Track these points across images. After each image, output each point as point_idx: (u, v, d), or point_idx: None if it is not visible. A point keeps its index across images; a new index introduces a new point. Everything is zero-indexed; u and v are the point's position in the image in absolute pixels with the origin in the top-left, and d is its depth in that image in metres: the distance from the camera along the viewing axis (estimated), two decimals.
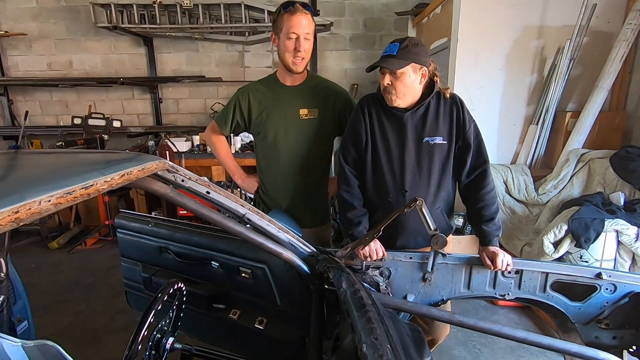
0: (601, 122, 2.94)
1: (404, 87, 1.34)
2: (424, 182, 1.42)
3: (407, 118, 1.40)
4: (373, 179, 1.47)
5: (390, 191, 1.44)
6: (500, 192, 3.02)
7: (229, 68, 4.64)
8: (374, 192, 1.49)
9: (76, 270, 3.33)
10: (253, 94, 1.66)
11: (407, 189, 1.41)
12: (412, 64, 1.31)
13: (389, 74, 1.34)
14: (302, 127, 1.63)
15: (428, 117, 1.40)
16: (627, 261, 2.30)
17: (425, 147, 1.40)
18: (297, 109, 1.62)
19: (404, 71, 1.32)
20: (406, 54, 1.30)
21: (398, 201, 1.43)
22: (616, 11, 2.97)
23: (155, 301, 1.05)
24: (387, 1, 4.46)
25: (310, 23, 1.51)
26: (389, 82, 1.34)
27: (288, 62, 1.53)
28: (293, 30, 1.47)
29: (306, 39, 1.50)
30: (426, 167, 1.41)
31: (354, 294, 0.96)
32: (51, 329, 2.42)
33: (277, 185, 1.71)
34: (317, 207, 1.77)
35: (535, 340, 1.14)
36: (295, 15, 1.46)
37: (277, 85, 1.66)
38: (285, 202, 1.70)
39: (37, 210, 0.54)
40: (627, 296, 1.28)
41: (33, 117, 4.60)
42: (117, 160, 0.83)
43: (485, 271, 1.35)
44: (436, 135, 1.40)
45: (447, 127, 1.41)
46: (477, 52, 3.05)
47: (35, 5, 4.43)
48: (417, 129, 1.40)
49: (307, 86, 1.66)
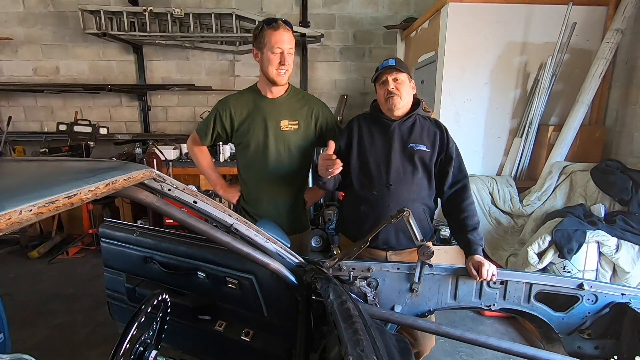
0: (582, 136, 3.03)
1: (405, 91, 1.50)
2: (408, 180, 1.51)
3: (395, 126, 1.54)
4: (359, 174, 1.57)
5: (375, 185, 1.53)
6: (486, 203, 3.07)
7: (219, 77, 4.65)
8: (360, 188, 1.57)
9: (57, 281, 3.23)
10: (234, 105, 1.69)
11: (392, 183, 1.50)
12: (407, 74, 1.51)
13: (392, 79, 1.49)
14: (282, 138, 1.67)
15: (414, 129, 1.55)
16: (608, 272, 2.35)
17: (409, 151, 1.53)
18: (278, 121, 1.66)
19: (404, 78, 1.50)
20: (402, 65, 1.50)
21: (382, 195, 1.52)
22: (595, 30, 3.10)
23: (138, 313, 1.03)
24: (376, 15, 4.56)
25: (292, 39, 1.59)
26: (394, 86, 1.49)
27: (272, 75, 1.59)
28: (278, 45, 1.54)
29: (289, 54, 1.58)
30: (410, 168, 1.53)
31: (341, 305, 0.96)
32: (28, 342, 2.33)
33: (258, 194, 1.75)
34: (296, 215, 1.80)
35: (520, 350, 1.15)
36: (279, 31, 1.53)
37: (259, 97, 1.69)
38: (266, 210, 1.73)
39: (18, 220, 0.53)
40: (608, 306, 1.31)
41: (17, 122, 4.50)
42: (102, 168, 0.82)
43: (471, 282, 1.36)
44: (420, 144, 1.52)
45: (430, 140, 1.55)
46: (463, 67, 3.14)
47: (22, 10, 4.37)
48: (403, 136, 1.54)
49: (288, 98, 1.71)
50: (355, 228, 1.59)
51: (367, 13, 4.55)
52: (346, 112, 4.69)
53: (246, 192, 1.79)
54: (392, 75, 1.49)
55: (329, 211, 3.98)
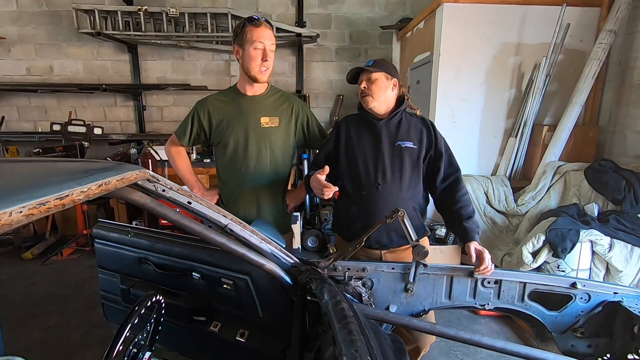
0: (576, 136, 3.06)
1: (378, 89, 1.52)
2: (397, 179, 1.52)
3: (382, 125, 1.55)
4: (348, 173, 1.58)
5: (364, 185, 1.54)
6: (481, 203, 3.09)
7: (215, 77, 4.63)
8: (350, 187, 1.58)
9: (51, 282, 3.20)
10: (212, 105, 1.69)
11: (380, 183, 1.51)
12: (384, 73, 1.52)
13: (365, 79, 1.53)
14: (263, 135, 1.67)
15: (401, 127, 1.57)
16: (602, 270, 2.38)
17: (397, 149, 1.54)
18: (258, 117, 1.66)
19: (378, 77, 1.51)
20: (379, 66, 1.53)
21: (371, 195, 1.53)
22: (588, 31, 3.13)
23: (131, 314, 1.02)
24: (372, 15, 4.57)
25: (272, 37, 1.60)
26: (366, 85, 1.53)
27: (254, 72, 1.59)
28: (260, 40, 1.55)
29: (271, 51, 1.58)
30: (398, 166, 1.53)
31: (336, 305, 0.96)
32: (21, 344, 2.31)
33: (238, 195, 1.73)
34: (277, 216, 1.78)
35: (514, 349, 1.15)
36: (261, 28, 1.55)
37: (238, 95, 1.70)
38: (245, 211, 1.70)
39: (7, 222, 0.52)
40: (601, 305, 1.32)
41: (9, 122, 4.46)
42: (95, 169, 0.81)
43: (465, 281, 1.37)
44: (407, 141, 1.54)
45: (417, 136, 1.56)
46: (459, 67, 3.15)
47: (16, 9, 4.33)
48: (390, 135, 1.55)
49: (268, 96, 1.71)
50: (348, 228, 1.60)
51: (363, 13, 4.56)
52: (342, 112, 4.70)
53: (225, 193, 1.77)
54: (365, 76, 1.53)
55: (325, 211, 3.98)
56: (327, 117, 4.82)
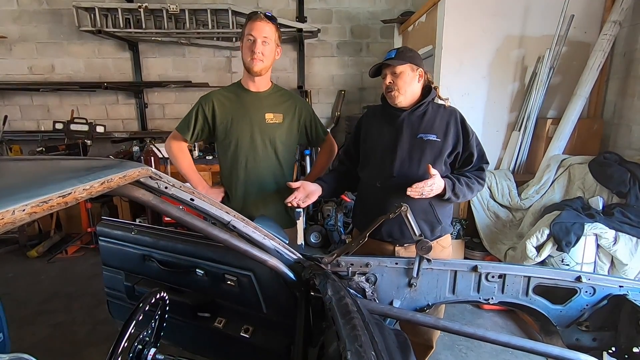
0: (580, 129, 3.03)
1: (404, 84, 1.45)
2: (414, 171, 1.47)
3: (404, 116, 1.50)
4: (365, 164, 1.60)
5: (379, 177, 1.52)
6: (484, 197, 3.08)
7: (216, 73, 4.62)
8: (366, 179, 1.58)
9: (56, 280, 3.23)
10: (217, 99, 1.70)
11: (395, 175, 1.48)
12: (409, 64, 1.45)
13: (390, 73, 1.46)
14: (267, 131, 1.68)
15: (425, 118, 1.50)
16: (606, 264, 2.36)
17: (419, 142, 1.48)
18: (262, 113, 1.68)
19: (403, 70, 1.44)
20: (403, 57, 1.45)
21: (385, 187, 1.50)
22: (592, 22, 3.08)
23: (136, 311, 1.02)
24: (373, 9, 4.53)
25: (272, 31, 1.62)
26: (391, 80, 1.46)
27: (247, 63, 1.64)
28: (251, 32, 1.59)
29: (264, 43, 1.60)
30: (417, 158, 1.48)
31: (339, 300, 0.96)
32: (28, 342, 2.34)
33: (241, 190, 1.73)
34: (281, 212, 1.78)
35: (518, 344, 1.15)
36: (256, 22, 1.60)
37: (242, 91, 1.71)
38: (250, 207, 1.70)
39: (10, 220, 0.52)
40: (606, 298, 1.31)
41: (13, 122, 4.48)
42: (98, 167, 0.81)
43: (469, 275, 1.36)
44: (430, 133, 1.48)
45: (442, 129, 1.48)
46: (461, 60, 3.12)
47: (16, 8, 4.33)
48: (413, 126, 1.50)
49: (272, 93, 1.74)
50: (362, 220, 1.60)
51: (364, 7, 4.53)
52: (344, 107, 4.68)
53: (230, 188, 1.77)
54: (389, 69, 1.47)
55: (327, 207, 3.98)
56: (329, 112, 4.80)
